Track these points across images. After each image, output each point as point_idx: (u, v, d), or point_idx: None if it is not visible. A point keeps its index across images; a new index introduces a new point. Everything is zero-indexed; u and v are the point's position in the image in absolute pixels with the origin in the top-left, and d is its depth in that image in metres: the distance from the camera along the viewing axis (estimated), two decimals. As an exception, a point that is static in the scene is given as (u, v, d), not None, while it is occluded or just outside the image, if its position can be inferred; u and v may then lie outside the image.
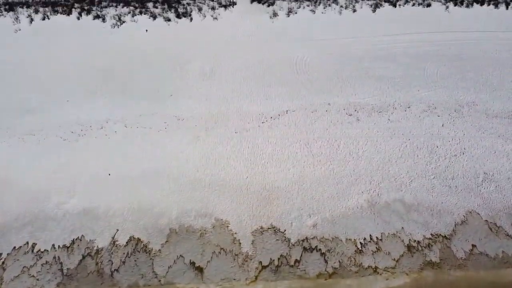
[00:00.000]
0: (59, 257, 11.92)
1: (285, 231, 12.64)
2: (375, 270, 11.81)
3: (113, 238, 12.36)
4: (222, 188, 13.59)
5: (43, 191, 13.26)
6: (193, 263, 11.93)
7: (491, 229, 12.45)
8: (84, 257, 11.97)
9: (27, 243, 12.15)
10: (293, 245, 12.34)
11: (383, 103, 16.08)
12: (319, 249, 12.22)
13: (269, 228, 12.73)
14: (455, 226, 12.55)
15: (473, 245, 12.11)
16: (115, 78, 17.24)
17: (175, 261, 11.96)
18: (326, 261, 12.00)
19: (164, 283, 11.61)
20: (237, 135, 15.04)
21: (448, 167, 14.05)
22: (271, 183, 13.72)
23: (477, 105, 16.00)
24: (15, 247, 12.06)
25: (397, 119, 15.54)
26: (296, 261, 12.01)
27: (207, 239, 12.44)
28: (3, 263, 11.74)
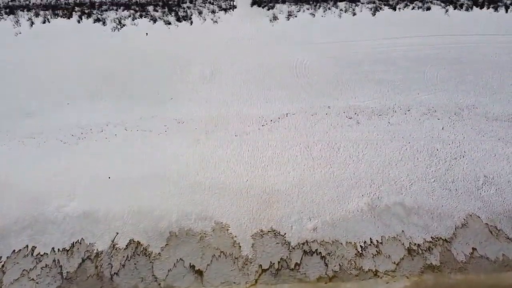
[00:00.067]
0: (58, 260, 12.03)
1: (285, 234, 12.76)
2: (376, 273, 11.91)
3: (113, 241, 12.48)
4: (222, 191, 13.73)
5: (43, 194, 13.40)
6: (193, 267, 12.04)
7: (491, 232, 12.58)
8: (83, 261, 12.08)
9: (27, 246, 12.26)
10: (293, 248, 12.45)
11: (383, 106, 16.27)
12: (319, 253, 12.33)
13: (269, 231, 12.85)
14: (455, 229, 12.67)
15: (474, 248, 12.22)
16: (116, 81, 17.44)
17: (175, 264, 12.07)
18: (326, 265, 12.11)
19: (164, 286, 11.71)
20: (237, 138, 15.21)
21: (448, 170, 14.21)
22: (271, 186, 13.86)
23: (477, 108, 16.19)
24: (14, 250, 12.17)
25: (397, 122, 15.72)
26: (296, 264, 12.12)
27: (207, 242, 12.55)
28: (3, 266, 11.84)
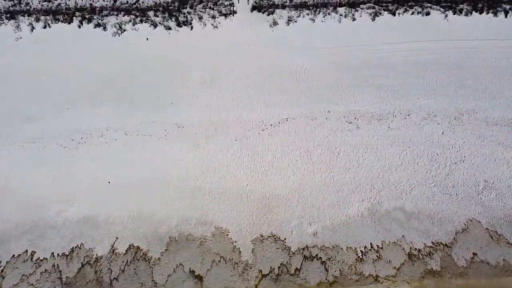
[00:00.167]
0: (58, 265, 12.20)
1: (285, 239, 12.94)
2: (376, 278, 12.07)
3: (112, 246, 12.65)
4: (222, 196, 13.94)
5: (43, 199, 13.61)
6: (192, 272, 12.20)
7: (492, 237, 12.76)
8: (83, 266, 12.25)
9: (26, 251, 12.43)
10: (294, 253, 12.62)
11: (383, 111, 16.57)
12: (320, 258, 12.50)
13: (269, 236, 13.03)
14: (456, 234, 12.86)
15: (474, 253, 12.40)
16: (116, 86, 17.76)
17: (174, 269, 12.23)
18: (326, 270, 12.27)
19: (163, 291, 11.87)
20: (237, 143, 15.47)
21: (448, 175, 14.44)
22: (271, 191, 14.08)
23: (476, 113, 16.48)
24: (14, 255, 12.33)
25: (397, 127, 16.00)
26: (296, 269, 12.28)
27: (207, 248, 12.73)
28: (2, 271, 12.00)
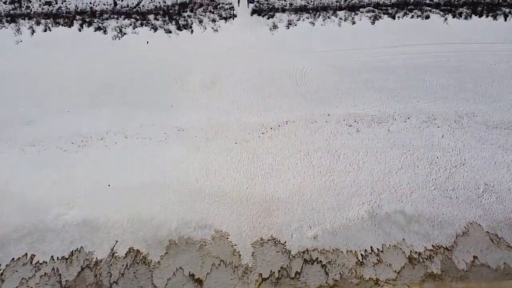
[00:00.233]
0: (57, 268, 12.29)
1: (285, 242, 13.04)
2: (376, 282, 12.15)
3: (112, 249, 12.75)
4: (222, 199, 14.07)
5: (43, 202, 13.73)
6: (192, 275, 12.28)
7: (492, 241, 12.86)
8: (83, 269, 12.34)
9: (26, 254, 12.52)
10: (294, 257, 12.72)
11: (383, 114, 16.75)
12: (320, 261, 12.59)
13: (269, 239, 13.14)
14: (456, 237, 12.97)
15: (475, 257, 12.49)
16: (116, 89, 17.96)
17: (174, 273, 12.31)
18: (327, 273, 12.35)
19: (163, 295, 11.95)
20: (237, 146, 15.63)
21: (448, 178, 14.57)
22: (271, 194, 14.21)
23: (476, 116, 16.66)
24: (14, 259, 12.43)
25: (397, 130, 16.17)
26: (296, 273, 12.37)
27: (207, 251, 12.83)
28: (2, 274, 12.09)
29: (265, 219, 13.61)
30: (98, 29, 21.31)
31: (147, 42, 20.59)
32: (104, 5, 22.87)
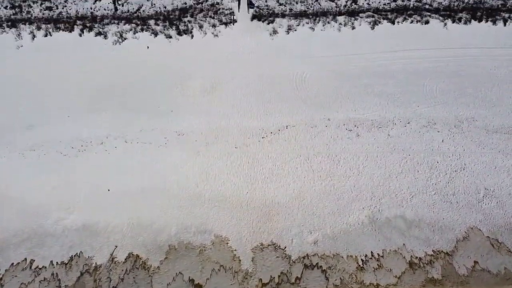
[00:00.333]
0: (57, 273, 12.41)
1: (285, 247, 13.18)
2: (377, 287, 12.25)
3: (111, 254, 12.89)
4: (222, 203, 14.24)
5: (42, 207, 13.90)
6: (192, 280, 12.39)
7: (493, 245, 13.01)
8: (82, 274, 12.46)
9: (25, 259, 12.65)
10: (294, 262, 12.85)
11: (383, 119, 17.00)
12: (320, 266, 12.72)
13: (269, 244, 13.28)
14: (456, 242, 13.11)
15: (475, 262, 12.62)
16: (116, 94, 18.24)
17: (174, 278, 12.43)
18: (327, 278, 12.47)
19: (162, 300, 12.05)
20: (237, 150, 15.85)
21: (448, 183, 14.77)
22: (272, 198, 14.39)
23: (476, 120, 16.92)
24: (13, 263, 12.55)
25: (397, 134, 16.41)
26: (297, 278, 12.48)
27: (207, 256, 12.96)
28: (1, 279, 12.20)
29: (265, 224, 13.76)
30: (98, 34, 21.69)
31: (148, 47, 20.95)
32: (104, 10, 23.31)
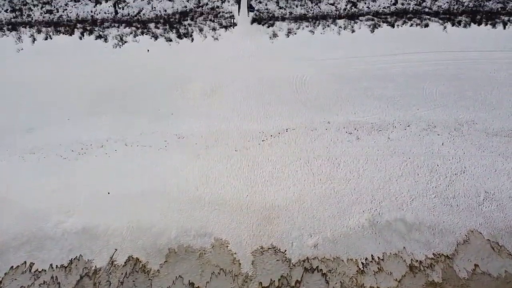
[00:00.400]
0: (56, 277, 12.50)
1: (285, 251, 13.27)
2: (377, 290, 12.37)
3: (111, 257, 12.97)
4: (222, 207, 14.34)
5: (42, 210, 14.00)
6: (192, 284, 12.47)
7: (493, 249, 13.10)
8: (82, 277, 12.54)
9: (25, 262, 12.75)
10: (294, 265, 12.94)
11: (383, 122, 17.16)
12: (320, 270, 12.80)
13: (269, 248, 13.37)
14: (457, 245, 13.20)
15: (476, 265, 12.72)
16: (116, 97, 18.40)
17: (173, 281, 12.51)
18: (327, 282, 12.55)
19: (162, 304, 12.13)
20: (237, 153, 15.99)
21: (449, 186, 14.89)
22: (271, 202, 14.50)
23: (476, 123, 17.07)
24: (12, 267, 12.65)
25: (397, 137, 16.56)
26: (297, 281, 12.56)
27: (207, 259, 13.05)
28: (1, 282, 12.28)
29: (265, 227, 13.86)
30: (99, 37, 21.91)
31: (148, 50, 21.16)
32: (105, 13, 23.55)
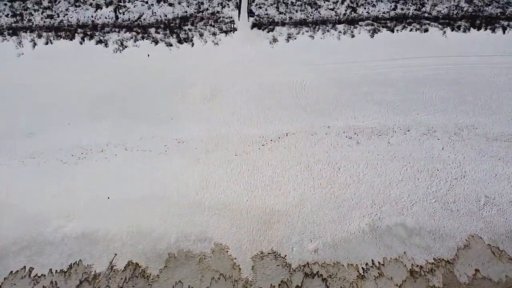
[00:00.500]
0: (56, 282, 12.61)
1: (285, 256, 13.40)
2: (378, 296, 12.48)
3: (111, 262, 13.10)
4: (222, 211, 14.51)
5: (42, 215, 14.15)
6: (192, 289, 12.61)
7: (494, 253, 13.24)
8: (81, 282, 12.66)
9: (24, 267, 12.86)
10: (294, 270, 13.06)
11: (383, 127, 17.39)
12: (321, 275, 12.92)
13: (269, 253, 13.50)
14: (457, 250, 13.34)
15: (476, 270, 12.84)
16: (116, 101, 18.65)
17: (173, 286, 12.60)
18: (327, 287, 12.66)
19: (162, 309, 12.23)
20: (237, 158, 16.19)
21: (449, 191, 15.06)
22: (272, 206, 14.66)
23: (476, 128, 17.31)
24: (12, 271, 12.76)
25: (397, 142, 16.78)
26: (297, 287, 12.66)
27: (206, 264, 13.17)
28: (0, 287, 12.44)
29: (265, 232, 14.01)
30: (99, 42, 22.25)
31: (148, 55, 21.49)
32: (105, 18, 23.94)
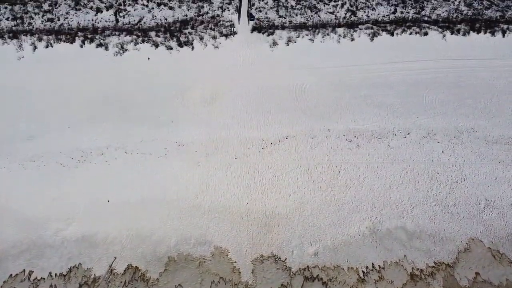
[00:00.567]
0: (55, 285, 12.67)
1: (286, 259, 13.47)
2: (378, 299, 12.53)
3: (110, 266, 13.17)
4: (221, 214, 14.60)
5: (42, 218, 14.24)
6: (191, 292, 12.68)
7: (494, 257, 13.31)
8: (81, 286, 12.71)
9: (24, 270, 12.94)
10: (294, 274, 13.12)
11: (383, 130, 17.53)
12: (321, 278, 12.98)
13: (269, 256, 13.57)
14: (458, 253, 13.41)
15: (477, 273, 12.90)
16: (116, 105, 18.81)
17: (173, 290, 12.72)
18: (328, 290, 12.74)
19: (161, 313, 12.28)
20: (237, 161, 16.31)
21: (449, 194, 15.16)
22: (272, 209, 14.76)
23: (476, 131, 17.44)
24: (11, 275, 12.83)
25: (397, 145, 16.90)
26: (297, 290, 12.77)
27: (206, 268, 13.24)
28: (-1, 291, 12.54)
29: (265, 235, 14.09)
30: (99, 45, 22.47)
31: (148, 58, 21.69)
32: (106, 22, 24.18)
